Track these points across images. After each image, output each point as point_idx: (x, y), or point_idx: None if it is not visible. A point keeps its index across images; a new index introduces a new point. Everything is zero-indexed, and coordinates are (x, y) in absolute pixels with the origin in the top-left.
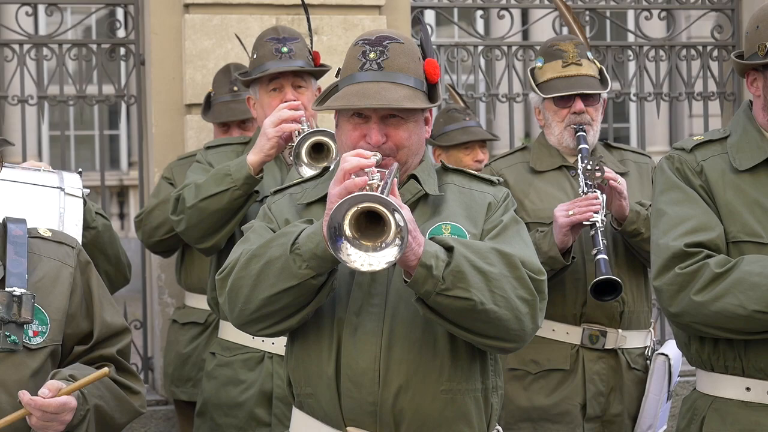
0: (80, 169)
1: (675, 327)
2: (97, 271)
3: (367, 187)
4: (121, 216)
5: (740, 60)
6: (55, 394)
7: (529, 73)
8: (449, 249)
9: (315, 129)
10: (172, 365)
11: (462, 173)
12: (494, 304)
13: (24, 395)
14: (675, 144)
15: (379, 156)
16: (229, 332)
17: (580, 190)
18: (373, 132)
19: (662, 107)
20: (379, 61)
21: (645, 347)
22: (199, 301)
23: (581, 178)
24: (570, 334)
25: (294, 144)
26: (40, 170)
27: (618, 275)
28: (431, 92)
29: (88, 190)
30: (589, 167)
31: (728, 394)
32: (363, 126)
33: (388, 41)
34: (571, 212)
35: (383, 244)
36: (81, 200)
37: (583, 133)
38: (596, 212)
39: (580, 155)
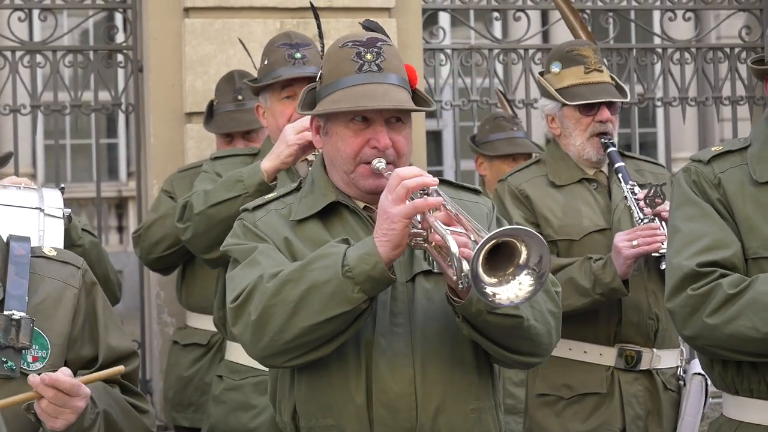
0: (63, 185)
1: (693, 349)
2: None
3: (443, 209)
4: (120, 229)
5: (757, 66)
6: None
7: (540, 77)
8: None
9: None
10: (172, 389)
11: (446, 183)
12: (534, 319)
13: (34, 377)
14: (692, 155)
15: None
16: (237, 354)
17: (636, 217)
18: (382, 136)
19: (691, 111)
20: (377, 62)
21: (677, 367)
22: (201, 321)
23: (633, 203)
24: (603, 355)
25: (315, 154)
26: (20, 187)
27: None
28: (414, 97)
29: (69, 210)
30: (651, 194)
31: (754, 418)
32: (366, 131)
33: (380, 42)
34: (635, 242)
35: (512, 275)
36: (62, 221)
37: (615, 149)
38: (662, 242)
39: (620, 175)
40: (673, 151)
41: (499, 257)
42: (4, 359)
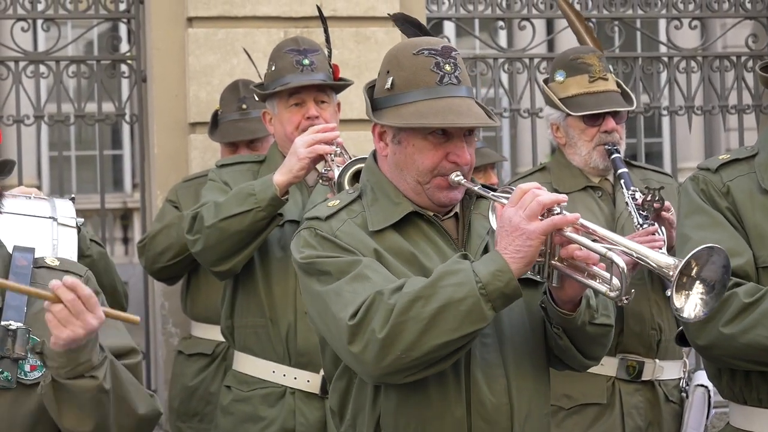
0: (73, 195)
1: (705, 359)
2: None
3: (579, 224)
4: (125, 240)
5: (765, 73)
6: None
7: (544, 86)
8: None
9: (357, 157)
10: (177, 399)
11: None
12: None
13: (55, 280)
14: (700, 164)
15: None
16: (245, 364)
17: (635, 223)
18: (463, 152)
19: (698, 121)
20: (456, 74)
21: (680, 378)
22: (206, 331)
23: (632, 209)
24: (605, 365)
25: (327, 170)
26: (30, 197)
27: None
28: None
29: (82, 219)
30: (649, 198)
31: (762, 428)
32: (446, 144)
33: (453, 52)
34: None
35: (688, 287)
36: (75, 230)
37: (619, 155)
38: (660, 248)
39: (622, 181)
40: (679, 160)
41: None
42: (1, 370)
